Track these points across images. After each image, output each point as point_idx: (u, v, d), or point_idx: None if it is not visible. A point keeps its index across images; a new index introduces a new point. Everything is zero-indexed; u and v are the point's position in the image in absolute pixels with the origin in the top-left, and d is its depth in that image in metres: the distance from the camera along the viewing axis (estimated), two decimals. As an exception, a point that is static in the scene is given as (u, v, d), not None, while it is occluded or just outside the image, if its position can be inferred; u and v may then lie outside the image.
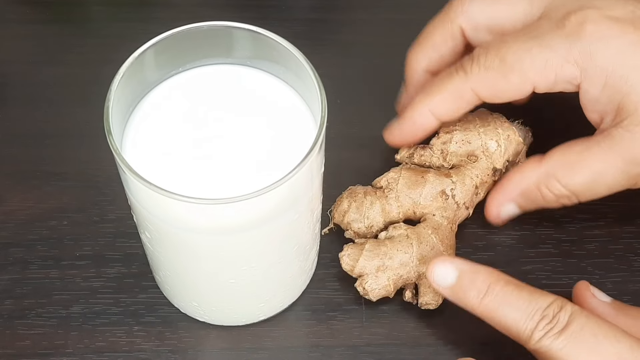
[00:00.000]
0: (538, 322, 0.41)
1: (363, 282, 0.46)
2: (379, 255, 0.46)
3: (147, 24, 0.58)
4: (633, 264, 0.49)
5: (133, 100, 0.42)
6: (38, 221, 0.50)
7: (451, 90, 0.46)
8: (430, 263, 0.44)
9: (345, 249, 0.47)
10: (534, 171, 0.46)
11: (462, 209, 0.48)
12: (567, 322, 0.40)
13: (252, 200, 0.37)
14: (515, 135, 0.49)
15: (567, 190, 0.45)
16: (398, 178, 0.48)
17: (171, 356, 0.46)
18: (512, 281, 0.43)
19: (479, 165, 0.48)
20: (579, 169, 0.45)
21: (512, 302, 0.42)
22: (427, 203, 0.48)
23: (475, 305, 0.43)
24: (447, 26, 0.48)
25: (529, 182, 0.46)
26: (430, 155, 0.49)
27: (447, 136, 0.49)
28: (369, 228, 0.48)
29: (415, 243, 0.46)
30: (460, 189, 0.48)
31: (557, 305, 0.41)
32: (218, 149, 0.41)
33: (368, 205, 0.48)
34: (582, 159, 0.45)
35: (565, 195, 0.46)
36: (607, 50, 0.43)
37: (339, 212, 0.48)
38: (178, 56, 0.42)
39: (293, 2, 0.61)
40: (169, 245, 0.42)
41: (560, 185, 0.45)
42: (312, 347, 0.47)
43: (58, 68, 0.57)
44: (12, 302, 0.48)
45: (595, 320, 0.41)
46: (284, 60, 0.42)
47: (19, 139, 0.54)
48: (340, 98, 0.54)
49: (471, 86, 0.45)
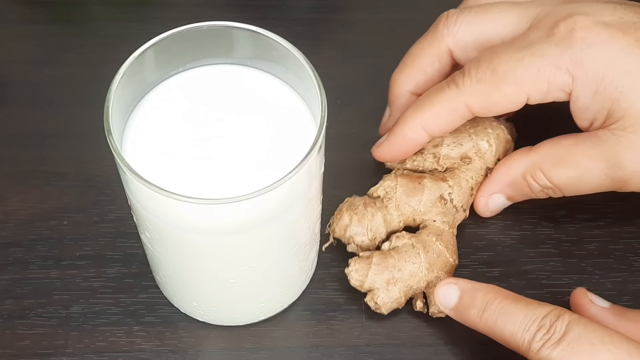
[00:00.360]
0: (535, 332, 0.41)
1: (375, 297, 0.46)
2: (388, 267, 0.46)
3: (147, 24, 0.58)
4: (633, 264, 0.49)
5: (133, 100, 0.42)
6: (38, 221, 0.50)
7: (444, 105, 0.46)
8: (436, 286, 0.45)
9: (351, 264, 0.46)
10: (522, 161, 0.47)
11: (460, 212, 0.48)
12: (565, 332, 0.40)
13: (252, 200, 0.37)
14: (504, 133, 0.49)
15: (551, 183, 0.46)
16: (395, 186, 0.47)
17: (171, 356, 0.46)
18: (510, 295, 0.43)
19: (473, 167, 0.48)
20: (565, 164, 0.46)
21: (509, 315, 0.42)
22: (426, 209, 0.47)
23: (477, 322, 0.43)
24: (434, 48, 0.48)
25: (516, 172, 0.47)
26: (423, 159, 0.49)
27: (438, 140, 0.49)
28: (373, 240, 0.47)
29: (422, 252, 0.46)
30: (458, 192, 0.48)
31: (554, 314, 0.41)
32: (218, 149, 0.41)
33: (370, 217, 0.47)
34: (569, 154, 0.45)
35: (550, 188, 0.46)
36: (597, 56, 0.44)
37: (340, 227, 0.47)
38: (178, 56, 0.42)
39: (293, 2, 0.61)
40: (169, 245, 0.42)
41: (545, 178, 0.46)
42: (312, 347, 0.47)
43: (58, 68, 0.57)
44: (12, 302, 0.48)
45: (593, 327, 0.41)
46: (284, 60, 0.42)
47: (19, 139, 0.54)
48: (340, 98, 0.54)
49: (464, 100, 0.45)
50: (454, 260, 0.47)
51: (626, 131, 0.44)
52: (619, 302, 0.46)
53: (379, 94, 0.55)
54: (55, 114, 0.55)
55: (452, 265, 0.47)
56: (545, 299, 0.47)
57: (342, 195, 0.50)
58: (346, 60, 0.57)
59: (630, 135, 0.44)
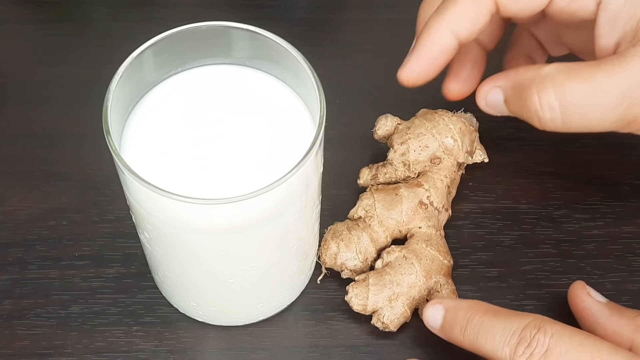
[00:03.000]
0: (516, 346, 0.39)
1: (380, 317, 0.45)
2: (386, 285, 0.45)
3: (147, 24, 0.58)
4: (632, 264, 0.49)
5: (132, 100, 0.42)
6: (37, 221, 0.50)
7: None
8: (424, 309, 0.44)
9: (349, 290, 0.46)
10: (533, 70, 0.42)
11: (443, 212, 0.48)
12: (549, 346, 0.39)
13: (251, 200, 0.37)
14: (465, 125, 0.49)
15: (557, 101, 0.41)
16: (374, 203, 0.47)
17: (170, 356, 0.46)
18: (491, 310, 0.42)
19: (444, 166, 0.48)
20: (580, 78, 0.40)
21: (488, 331, 0.41)
22: (409, 218, 0.47)
23: (461, 341, 0.42)
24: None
25: (526, 76, 0.42)
26: (394, 170, 0.48)
27: (403, 147, 0.48)
28: (365, 262, 0.47)
29: (415, 261, 0.46)
30: (435, 193, 0.48)
31: (534, 325, 0.40)
32: (217, 149, 0.41)
33: (356, 239, 0.47)
34: (588, 69, 0.41)
35: (551, 108, 0.41)
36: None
37: (329, 256, 0.47)
38: (177, 56, 0.42)
39: (293, 2, 0.61)
40: (168, 246, 0.42)
41: (552, 91, 0.41)
42: (311, 347, 0.47)
43: (58, 68, 0.57)
44: (11, 302, 0.48)
45: (579, 340, 0.39)
46: (283, 61, 0.42)
47: (19, 139, 0.54)
48: (339, 98, 0.54)
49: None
50: (448, 261, 0.47)
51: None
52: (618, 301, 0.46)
53: (378, 94, 0.55)
54: (55, 114, 0.55)
55: (447, 266, 0.47)
56: (544, 299, 0.47)
57: (341, 195, 0.51)
58: (345, 60, 0.57)
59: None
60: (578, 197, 0.52)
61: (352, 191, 0.50)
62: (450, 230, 0.50)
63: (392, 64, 0.51)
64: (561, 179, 0.52)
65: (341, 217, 0.49)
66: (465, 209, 0.51)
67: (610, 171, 0.52)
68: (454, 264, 0.48)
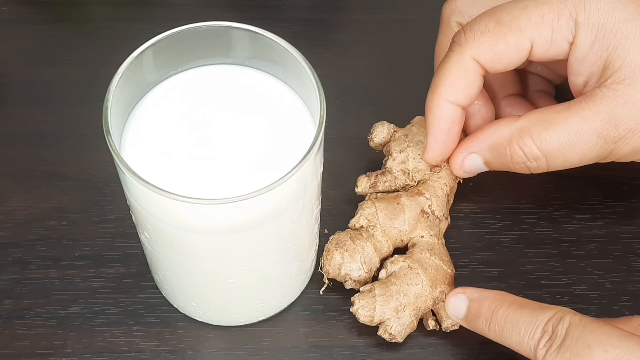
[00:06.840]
0: (539, 339, 0.41)
1: (388, 328, 0.45)
2: (393, 295, 0.45)
3: (147, 24, 0.58)
4: (632, 264, 0.49)
5: (132, 100, 0.42)
6: (37, 221, 0.50)
7: (454, 69, 0.44)
8: (446, 297, 0.45)
9: (355, 302, 0.45)
10: (509, 126, 0.45)
11: (443, 221, 0.48)
12: (564, 336, 0.40)
13: (251, 201, 0.37)
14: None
15: (539, 150, 0.44)
16: (376, 212, 0.47)
17: (170, 356, 0.46)
18: (516, 302, 0.43)
19: (443, 174, 0.48)
20: (556, 127, 0.43)
21: (514, 323, 0.42)
22: (412, 227, 0.47)
23: (486, 332, 0.43)
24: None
25: (501, 135, 0.45)
26: (393, 178, 0.48)
27: (402, 155, 0.48)
28: (369, 272, 0.46)
29: (420, 271, 0.46)
30: (436, 202, 0.47)
31: (557, 317, 0.41)
32: (217, 149, 0.41)
33: (361, 249, 0.46)
34: (560, 117, 0.43)
35: (535, 157, 0.44)
36: (599, 2, 0.43)
37: (333, 267, 0.46)
38: (177, 56, 0.42)
39: (293, 2, 0.61)
40: (168, 246, 0.42)
41: (533, 144, 0.44)
42: (311, 347, 0.47)
43: (58, 68, 0.57)
44: (11, 302, 0.48)
45: (591, 328, 0.40)
46: (283, 61, 0.42)
47: (19, 139, 0.54)
48: (339, 98, 0.54)
49: (470, 54, 0.44)
50: (451, 270, 0.47)
51: (623, 84, 0.42)
52: (618, 302, 0.46)
53: (378, 94, 0.55)
54: (55, 114, 0.55)
55: (451, 275, 0.47)
56: (544, 299, 0.47)
57: (341, 195, 0.51)
58: (345, 60, 0.57)
59: (627, 89, 0.42)
60: (578, 197, 0.52)
61: (352, 191, 0.50)
62: (450, 230, 0.49)
63: (392, 64, 0.51)
64: (561, 179, 0.52)
65: (341, 217, 0.49)
66: (465, 209, 0.51)
67: (610, 171, 0.52)
68: (453, 264, 0.48)
